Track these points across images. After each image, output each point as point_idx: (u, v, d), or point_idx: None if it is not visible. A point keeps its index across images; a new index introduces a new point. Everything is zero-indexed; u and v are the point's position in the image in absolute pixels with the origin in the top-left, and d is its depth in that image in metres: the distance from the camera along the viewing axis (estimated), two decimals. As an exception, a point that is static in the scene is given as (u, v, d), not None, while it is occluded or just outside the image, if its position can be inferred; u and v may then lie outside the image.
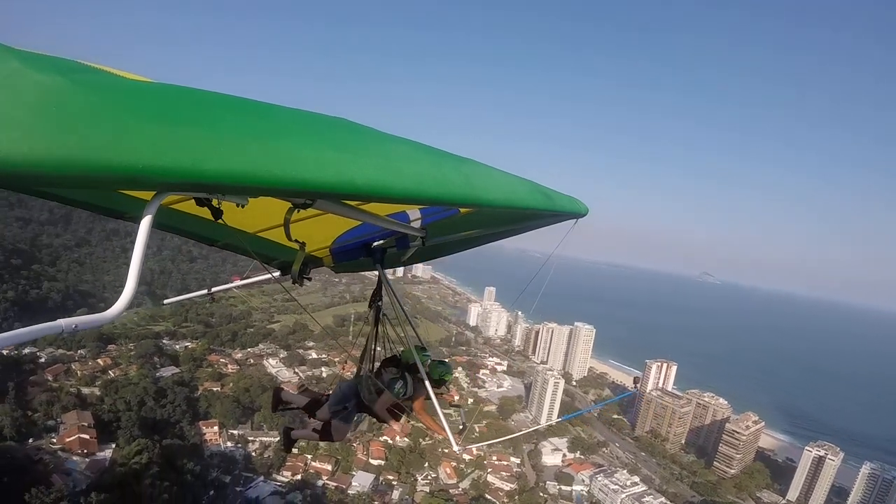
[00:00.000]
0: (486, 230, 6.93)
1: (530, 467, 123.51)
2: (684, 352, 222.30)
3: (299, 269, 5.16)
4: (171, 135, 1.70)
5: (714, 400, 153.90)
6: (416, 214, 5.67)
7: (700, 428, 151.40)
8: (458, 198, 3.28)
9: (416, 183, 2.76)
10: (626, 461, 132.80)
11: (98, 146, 1.51)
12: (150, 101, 1.79)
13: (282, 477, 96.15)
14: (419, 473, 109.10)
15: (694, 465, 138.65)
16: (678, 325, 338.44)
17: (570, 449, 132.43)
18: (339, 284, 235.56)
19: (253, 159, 1.93)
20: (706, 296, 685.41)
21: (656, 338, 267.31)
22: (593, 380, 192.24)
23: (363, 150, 2.51)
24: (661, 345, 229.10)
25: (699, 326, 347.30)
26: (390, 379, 7.40)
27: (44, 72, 1.54)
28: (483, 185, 3.46)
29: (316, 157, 2.20)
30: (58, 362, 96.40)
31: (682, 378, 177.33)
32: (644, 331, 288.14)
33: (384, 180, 2.51)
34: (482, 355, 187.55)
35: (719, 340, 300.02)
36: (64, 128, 1.45)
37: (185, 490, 70.32)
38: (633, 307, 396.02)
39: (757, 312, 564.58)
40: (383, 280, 7.05)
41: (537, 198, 4.50)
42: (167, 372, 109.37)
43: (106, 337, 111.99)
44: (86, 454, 70.00)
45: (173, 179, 1.78)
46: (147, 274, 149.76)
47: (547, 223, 6.41)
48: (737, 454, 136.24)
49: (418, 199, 3.08)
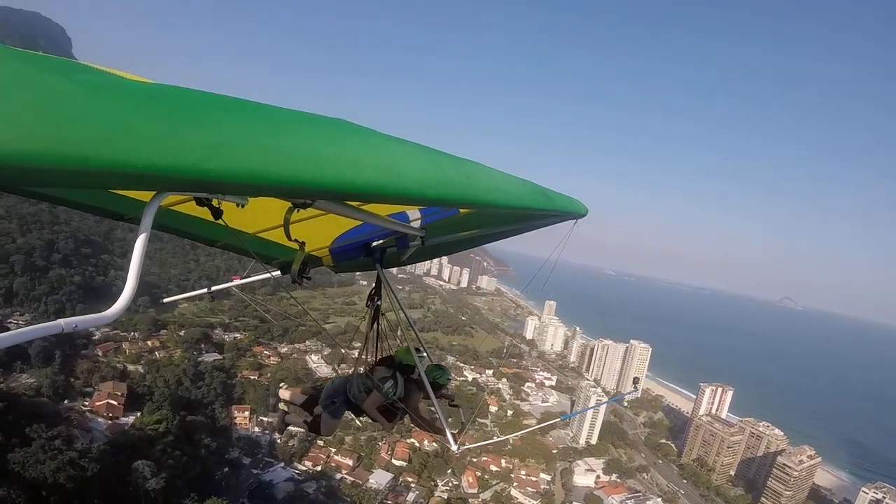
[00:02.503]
0: (485, 230, 6.90)
1: (560, 486, 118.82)
2: (749, 378, 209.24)
3: (299, 268, 5.16)
4: (171, 135, 1.68)
5: (769, 430, 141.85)
6: (416, 214, 5.64)
7: (752, 459, 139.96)
8: (458, 198, 3.32)
9: (416, 183, 2.75)
10: (665, 489, 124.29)
11: (98, 146, 1.49)
12: (150, 102, 1.77)
13: (302, 466, 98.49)
14: (440, 479, 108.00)
15: (739, 499, 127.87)
16: (748, 349, 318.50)
17: (605, 471, 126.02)
18: (401, 292, 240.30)
19: (253, 159, 1.90)
20: (784, 321, 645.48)
21: (721, 361, 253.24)
22: (647, 402, 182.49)
23: (363, 150, 2.48)
24: (725, 369, 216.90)
25: (770, 352, 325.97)
26: (380, 378, 7.22)
27: (44, 72, 1.54)
28: (483, 185, 3.46)
29: (316, 158, 2.17)
30: (109, 340, 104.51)
31: (740, 405, 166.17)
32: (710, 354, 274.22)
33: (384, 181, 2.51)
34: (533, 369, 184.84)
35: (791, 368, 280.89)
36: (64, 128, 1.44)
37: (196, 462, 73.78)
38: (703, 330, 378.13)
39: (837, 341, 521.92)
40: (383, 280, 6.98)
41: (537, 198, 4.48)
42: (210, 357, 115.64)
43: (160, 323, 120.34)
44: (110, 418, 76.14)
45: (173, 179, 1.77)
46: (212, 270, 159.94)
47: (547, 224, 6.33)
48: (786, 490, 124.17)
49: (418, 199, 3.17)
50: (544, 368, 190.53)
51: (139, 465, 59.28)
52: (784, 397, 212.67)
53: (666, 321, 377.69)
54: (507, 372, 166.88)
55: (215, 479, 77.19)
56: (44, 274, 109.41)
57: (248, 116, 2.09)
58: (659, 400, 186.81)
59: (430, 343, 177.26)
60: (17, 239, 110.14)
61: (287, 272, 5.99)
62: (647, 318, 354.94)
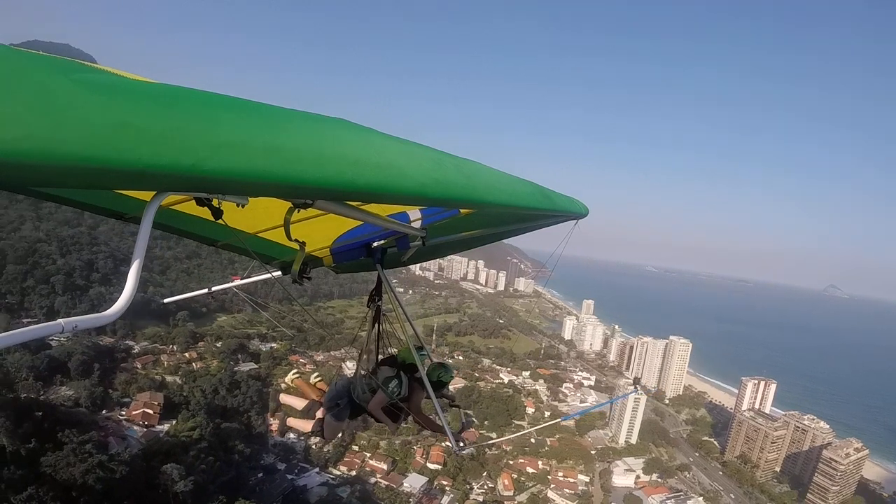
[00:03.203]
0: (486, 230, 6.95)
1: (599, 487, 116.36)
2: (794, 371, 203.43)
3: (299, 269, 5.21)
4: (172, 135, 1.69)
5: (814, 423, 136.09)
6: (417, 215, 5.71)
7: (797, 454, 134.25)
8: (459, 198, 3.32)
9: (417, 183, 2.75)
10: (707, 488, 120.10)
11: (98, 146, 1.50)
12: (150, 101, 1.76)
13: (336, 471, 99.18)
14: (476, 482, 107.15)
15: (784, 496, 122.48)
16: (793, 342, 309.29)
17: (645, 470, 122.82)
18: (438, 297, 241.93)
19: (253, 159, 1.92)
20: (830, 311, 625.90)
21: (765, 355, 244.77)
22: (689, 399, 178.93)
23: (363, 150, 2.50)
24: (769, 362, 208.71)
25: (816, 344, 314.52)
26: (385, 378, 7.23)
27: (44, 71, 1.54)
28: (484, 185, 3.48)
29: (316, 157, 2.19)
30: (148, 353, 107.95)
31: (785, 399, 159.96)
32: (755, 348, 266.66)
33: (384, 180, 2.52)
34: (571, 369, 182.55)
35: (838, 359, 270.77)
36: (64, 127, 1.44)
37: (229, 467, 75.32)
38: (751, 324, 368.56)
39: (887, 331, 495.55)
40: (383, 280, 6.95)
41: (537, 198, 4.51)
42: (246, 367, 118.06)
43: (198, 335, 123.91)
44: (146, 426, 78.48)
45: (173, 179, 1.78)
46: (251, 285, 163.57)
47: (547, 224, 6.42)
48: (833, 485, 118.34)
49: (419, 199, 3.21)
50: (583, 368, 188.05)
51: (168, 468, 60.80)
52: (831, 389, 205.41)
53: (704, 315, 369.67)
54: (545, 373, 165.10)
55: (249, 483, 78.53)
56: (84, 292, 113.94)
57: (248, 116, 2.05)
58: (701, 397, 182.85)
59: (466, 346, 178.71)
60: (58, 260, 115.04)
61: (288, 272, 6.04)
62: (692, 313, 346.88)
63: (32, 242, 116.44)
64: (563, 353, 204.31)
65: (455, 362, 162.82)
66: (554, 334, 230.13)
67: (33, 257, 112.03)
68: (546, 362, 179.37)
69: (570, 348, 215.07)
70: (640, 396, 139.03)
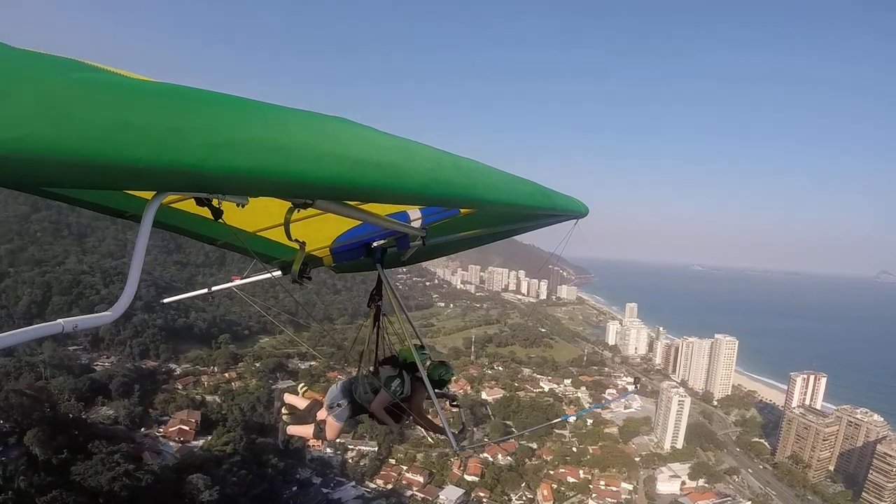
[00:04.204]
0: (486, 230, 6.94)
1: (643, 494, 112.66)
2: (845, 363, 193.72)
3: (299, 268, 5.25)
4: (172, 134, 1.69)
5: (868, 417, 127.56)
6: (417, 214, 5.72)
7: (851, 451, 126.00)
8: (459, 198, 3.36)
9: (417, 183, 2.75)
10: (757, 491, 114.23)
11: (98, 145, 1.49)
12: (150, 100, 1.76)
13: (373, 484, 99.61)
14: (514, 493, 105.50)
15: (839, 497, 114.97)
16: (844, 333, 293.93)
17: (691, 476, 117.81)
18: (479, 310, 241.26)
19: (253, 159, 1.92)
20: (882, 298, 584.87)
21: (817, 349, 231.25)
22: (739, 399, 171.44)
23: (364, 149, 2.49)
24: (820, 356, 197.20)
25: (867, 334, 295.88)
26: (387, 378, 7.15)
27: (44, 70, 1.54)
28: (484, 185, 3.49)
29: (316, 157, 2.18)
30: (189, 375, 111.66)
31: (837, 393, 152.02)
32: (806, 342, 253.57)
33: (385, 180, 2.51)
34: (615, 375, 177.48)
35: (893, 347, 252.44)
36: (63, 126, 1.43)
37: (262, 480, 76.85)
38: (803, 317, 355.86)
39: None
40: (383, 279, 6.97)
41: (538, 198, 4.52)
42: (284, 384, 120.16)
43: (239, 356, 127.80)
44: (181, 441, 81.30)
45: (173, 179, 1.79)
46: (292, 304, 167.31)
47: (548, 223, 6.41)
48: (889, 483, 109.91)
49: (419, 198, 3.22)
50: (628, 374, 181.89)
51: (194, 478, 62.63)
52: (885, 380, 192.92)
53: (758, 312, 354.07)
54: (587, 380, 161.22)
55: (283, 497, 79.86)
56: (128, 320, 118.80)
57: (249, 116, 2.05)
58: (751, 396, 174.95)
59: (507, 357, 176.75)
60: (101, 290, 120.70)
61: (288, 272, 6.17)
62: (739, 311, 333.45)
63: (77, 274, 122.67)
64: (607, 358, 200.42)
65: (494, 373, 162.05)
66: (598, 340, 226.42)
67: (77, 288, 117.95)
68: (589, 369, 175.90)
69: (615, 353, 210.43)
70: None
